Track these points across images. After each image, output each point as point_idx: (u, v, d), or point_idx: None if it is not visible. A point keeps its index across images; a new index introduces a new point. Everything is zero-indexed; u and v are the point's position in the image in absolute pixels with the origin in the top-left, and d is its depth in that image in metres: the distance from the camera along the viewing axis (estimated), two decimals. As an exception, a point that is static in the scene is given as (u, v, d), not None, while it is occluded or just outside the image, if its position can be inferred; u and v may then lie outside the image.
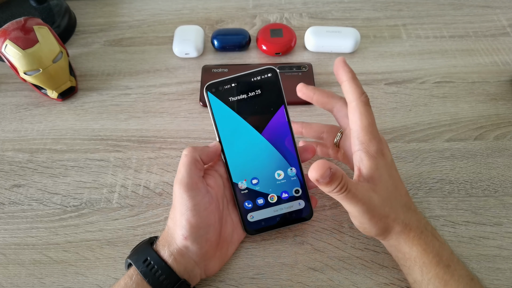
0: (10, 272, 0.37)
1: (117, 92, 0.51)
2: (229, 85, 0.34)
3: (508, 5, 0.61)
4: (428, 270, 0.31)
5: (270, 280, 0.36)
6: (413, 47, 0.56)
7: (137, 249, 0.33)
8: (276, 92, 0.35)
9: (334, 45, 0.54)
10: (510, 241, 0.38)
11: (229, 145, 0.35)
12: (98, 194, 0.42)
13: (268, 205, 0.36)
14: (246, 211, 0.36)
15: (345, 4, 0.62)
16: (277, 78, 0.34)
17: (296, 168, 0.36)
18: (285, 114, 0.35)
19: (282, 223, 0.37)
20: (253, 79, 0.34)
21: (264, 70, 0.34)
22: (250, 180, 0.36)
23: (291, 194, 0.36)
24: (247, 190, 0.36)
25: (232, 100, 0.34)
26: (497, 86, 0.51)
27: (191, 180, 0.32)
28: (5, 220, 0.40)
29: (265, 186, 0.36)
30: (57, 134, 0.47)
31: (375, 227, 0.32)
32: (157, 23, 0.60)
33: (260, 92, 0.35)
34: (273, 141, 0.35)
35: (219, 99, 0.34)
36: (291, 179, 0.36)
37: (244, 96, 0.34)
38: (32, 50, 0.44)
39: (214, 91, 0.34)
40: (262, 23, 0.59)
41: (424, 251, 0.31)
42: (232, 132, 0.35)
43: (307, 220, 0.38)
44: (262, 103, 0.35)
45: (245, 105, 0.35)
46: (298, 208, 0.37)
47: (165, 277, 0.31)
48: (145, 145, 0.46)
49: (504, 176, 0.43)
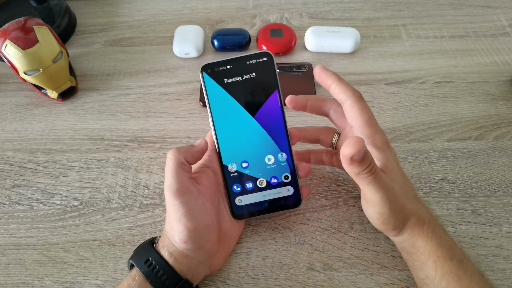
0: (10, 272, 0.37)
1: (117, 92, 0.51)
2: (224, 67, 0.35)
3: (508, 5, 0.61)
4: (442, 265, 0.31)
5: (270, 280, 0.36)
6: (413, 47, 0.56)
7: (138, 250, 0.33)
8: (271, 77, 0.35)
9: (334, 45, 0.54)
10: (510, 241, 0.38)
11: (221, 127, 0.35)
12: (98, 194, 0.42)
13: (256, 189, 0.36)
14: (235, 194, 0.36)
15: (345, 4, 0.62)
16: (272, 62, 0.35)
17: (287, 154, 0.36)
18: (279, 99, 0.35)
19: (270, 208, 0.37)
20: (248, 62, 0.34)
21: (260, 54, 0.35)
22: (240, 163, 0.36)
23: (280, 180, 0.36)
24: (236, 173, 0.36)
25: (227, 82, 0.35)
26: (497, 86, 0.51)
27: (180, 185, 0.31)
28: (5, 220, 0.40)
29: (255, 170, 0.36)
30: (57, 134, 0.47)
31: (393, 218, 0.31)
32: (157, 23, 0.60)
33: (254, 76, 0.35)
34: (265, 125, 0.35)
35: (214, 80, 0.35)
36: (281, 164, 0.36)
37: (239, 78, 0.35)
38: (32, 50, 0.44)
39: (210, 72, 0.35)
40: (262, 23, 0.59)
41: (438, 245, 0.31)
42: (225, 114, 0.35)
43: (295, 208, 0.37)
44: (256, 86, 0.35)
45: (239, 88, 0.35)
46: (286, 195, 0.37)
47: (167, 277, 0.31)
48: (145, 145, 0.46)
49: (504, 176, 0.43)
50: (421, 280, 0.33)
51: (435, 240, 0.32)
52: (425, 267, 0.32)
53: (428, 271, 0.31)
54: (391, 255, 0.37)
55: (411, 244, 0.33)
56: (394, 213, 0.31)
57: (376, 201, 0.31)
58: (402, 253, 0.35)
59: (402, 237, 0.33)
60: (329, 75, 0.34)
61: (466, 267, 0.31)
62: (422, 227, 0.32)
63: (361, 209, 0.40)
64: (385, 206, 0.31)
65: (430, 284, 0.31)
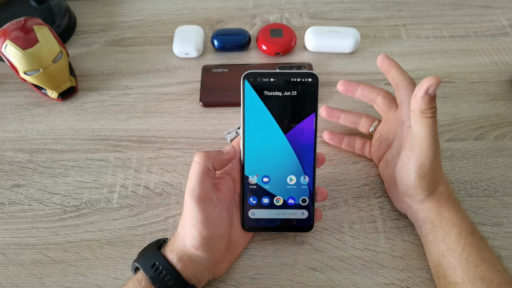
0: (10, 272, 0.37)
1: (117, 92, 0.51)
2: (267, 79, 0.34)
3: (508, 5, 0.61)
4: (465, 236, 0.32)
5: (270, 280, 0.36)
6: (413, 47, 0.56)
7: (144, 253, 0.33)
8: (312, 99, 0.34)
9: (334, 45, 0.54)
10: (510, 241, 0.38)
11: (251, 138, 0.35)
12: (98, 194, 0.42)
13: (272, 206, 0.36)
14: (249, 206, 0.36)
15: (345, 4, 0.62)
16: (316, 85, 0.34)
17: (310, 178, 0.36)
18: (314, 122, 0.35)
19: (281, 227, 0.37)
20: (293, 79, 0.34)
21: (306, 74, 0.34)
22: (262, 177, 0.36)
23: (297, 202, 0.36)
24: (255, 186, 0.36)
25: (267, 94, 0.34)
26: (497, 86, 0.51)
27: (203, 191, 0.31)
28: (5, 220, 0.40)
29: (274, 187, 0.36)
30: (57, 134, 0.47)
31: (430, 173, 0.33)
32: (157, 23, 0.60)
33: (296, 94, 0.34)
34: (295, 145, 0.35)
35: (254, 89, 0.34)
36: (301, 187, 0.36)
37: (280, 93, 0.34)
38: (32, 50, 0.44)
39: (251, 81, 0.34)
40: (262, 23, 0.59)
41: (462, 218, 0.33)
42: (257, 125, 0.35)
43: (306, 232, 0.37)
44: (295, 105, 0.34)
45: (278, 103, 0.34)
46: (300, 218, 0.36)
47: (173, 282, 0.30)
48: (145, 145, 0.46)
49: (504, 176, 0.43)
50: (441, 252, 0.33)
51: (460, 213, 0.33)
52: (448, 237, 0.33)
53: (451, 242, 0.33)
54: (391, 255, 0.37)
55: (437, 212, 0.34)
56: (432, 170, 0.33)
57: (424, 148, 0.32)
58: (424, 225, 0.35)
59: (428, 204, 0.34)
60: (392, 62, 0.39)
61: (485, 243, 0.33)
62: (449, 198, 0.34)
63: (361, 209, 0.40)
64: (429, 157, 0.32)
65: (451, 256, 0.32)
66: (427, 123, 0.31)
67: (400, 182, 0.35)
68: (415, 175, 0.33)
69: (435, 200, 0.34)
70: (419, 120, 0.32)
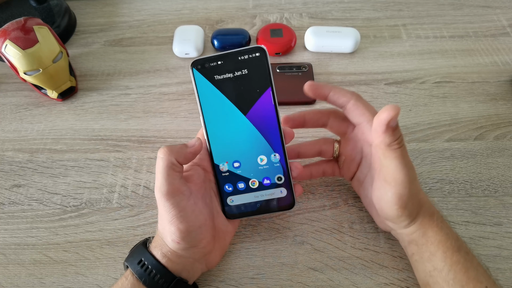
0: (10, 272, 0.37)
1: (117, 92, 0.51)
2: (215, 63, 0.33)
3: (508, 5, 0.61)
4: (451, 256, 0.31)
5: (270, 280, 0.36)
6: (413, 47, 0.56)
7: (132, 251, 0.33)
8: (264, 73, 0.33)
9: (334, 45, 0.54)
10: (510, 241, 0.38)
11: (213, 126, 0.34)
12: (98, 194, 0.42)
13: (248, 190, 0.36)
14: (226, 194, 0.36)
15: (345, 4, 0.62)
16: (266, 58, 0.33)
17: (280, 155, 0.35)
18: (272, 96, 0.33)
19: (262, 210, 0.36)
20: (240, 58, 0.33)
21: (252, 49, 0.33)
22: (232, 163, 0.35)
23: (273, 181, 0.35)
24: (228, 173, 0.35)
25: (218, 78, 0.33)
26: (497, 86, 0.51)
27: (171, 187, 0.30)
28: (5, 220, 0.40)
29: (247, 170, 0.35)
30: (57, 134, 0.47)
31: (411, 201, 0.31)
32: (157, 23, 0.60)
33: (246, 72, 0.33)
34: (258, 125, 0.34)
35: (204, 76, 0.33)
36: (274, 165, 0.35)
37: (230, 75, 0.33)
38: (32, 50, 0.44)
39: (200, 68, 0.33)
40: (262, 23, 0.59)
41: (447, 236, 0.32)
42: (216, 112, 0.34)
43: (288, 210, 0.36)
44: (248, 83, 0.33)
45: (231, 85, 0.33)
46: (279, 196, 0.36)
47: (160, 277, 0.31)
48: (145, 145, 0.46)
49: (504, 176, 0.43)
50: (428, 272, 0.32)
51: (444, 230, 0.32)
52: (434, 258, 0.32)
53: (437, 262, 0.32)
54: (391, 255, 0.37)
55: (422, 234, 0.33)
56: (412, 197, 0.31)
57: (399, 180, 0.30)
58: (410, 246, 0.34)
59: (412, 228, 0.33)
60: (323, 86, 0.34)
61: (471, 259, 0.32)
62: (432, 217, 0.33)
63: (361, 209, 0.40)
64: (406, 187, 0.30)
65: (437, 276, 0.32)
66: (396, 155, 0.30)
67: (381, 211, 0.34)
68: (397, 206, 0.31)
69: (418, 222, 0.33)
70: (388, 153, 0.30)
